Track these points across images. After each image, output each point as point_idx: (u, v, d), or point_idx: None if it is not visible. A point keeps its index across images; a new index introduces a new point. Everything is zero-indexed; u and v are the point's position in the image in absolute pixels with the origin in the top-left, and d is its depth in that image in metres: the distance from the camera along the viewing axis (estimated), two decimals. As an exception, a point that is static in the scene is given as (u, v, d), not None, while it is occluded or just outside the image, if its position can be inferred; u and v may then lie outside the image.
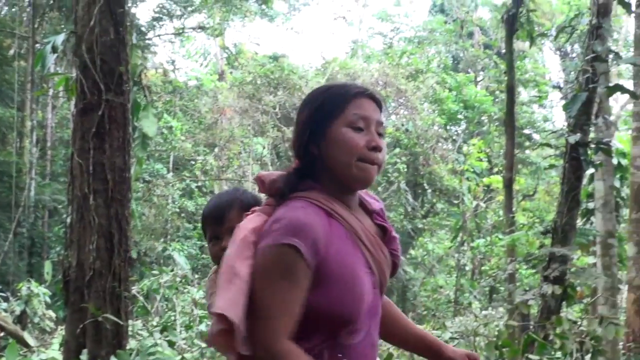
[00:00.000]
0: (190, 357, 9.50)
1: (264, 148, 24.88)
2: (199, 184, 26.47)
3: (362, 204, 2.84)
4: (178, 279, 12.78)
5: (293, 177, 2.72)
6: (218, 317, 2.47)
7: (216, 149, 25.37)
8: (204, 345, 9.85)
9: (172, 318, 11.50)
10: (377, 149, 2.64)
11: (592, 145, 10.41)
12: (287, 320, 2.50)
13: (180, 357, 8.86)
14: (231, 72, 29.02)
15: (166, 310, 13.74)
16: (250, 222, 2.66)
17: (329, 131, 2.66)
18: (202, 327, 11.26)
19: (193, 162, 26.04)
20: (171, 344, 8.68)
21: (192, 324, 11.58)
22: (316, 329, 2.56)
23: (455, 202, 24.40)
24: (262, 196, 2.95)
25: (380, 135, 2.71)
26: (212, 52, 31.23)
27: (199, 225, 21.98)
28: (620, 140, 20.29)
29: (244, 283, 2.52)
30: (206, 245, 3.22)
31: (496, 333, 8.84)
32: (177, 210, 24.48)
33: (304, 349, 2.53)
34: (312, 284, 2.52)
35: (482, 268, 24.10)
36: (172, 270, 14.13)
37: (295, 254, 2.47)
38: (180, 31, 27.45)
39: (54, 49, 8.52)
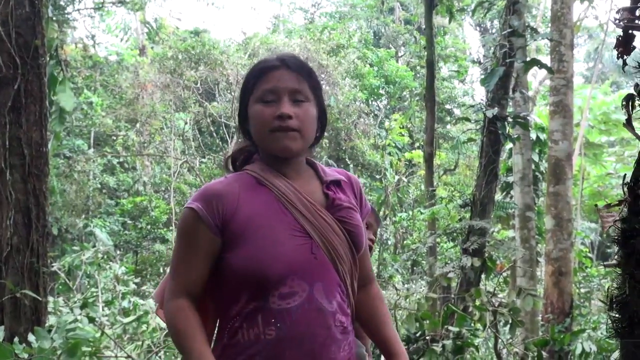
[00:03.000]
0: (111, 333, 9.41)
1: (185, 123, 24.69)
2: (121, 159, 26.19)
3: (318, 174, 2.93)
4: (100, 256, 12.64)
5: (235, 154, 2.94)
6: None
7: (137, 125, 25.12)
8: (126, 320, 9.79)
9: (94, 294, 11.37)
10: (283, 116, 2.72)
11: (510, 119, 10.51)
12: (185, 280, 2.68)
13: (100, 332, 8.79)
14: (152, 47, 28.75)
15: (88, 286, 13.61)
16: None
17: (248, 110, 2.82)
18: (125, 304, 11.19)
19: (114, 138, 25.74)
20: (91, 320, 8.59)
21: (114, 300, 11.49)
22: (241, 290, 2.65)
23: (378, 176, 24.53)
24: None
25: (299, 101, 2.78)
26: (132, 27, 30.85)
27: (121, 201, 21.67)
28: (540, 114, 20.58)
29: None
30: (128, 221, 3.33)
31: (417, 306, 8.90)
32: (99, 186, 24.18)
33: (235, 312, 2.66)
34: (227, 244, 2.66)
35: (405, 242, 24.31)
36: (94, 247, 13.97)
37: (194, 216, 2.67)
38: (100, 5, 26.97)
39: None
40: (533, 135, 18.24)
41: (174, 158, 24.00)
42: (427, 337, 8.10)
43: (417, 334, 8.17)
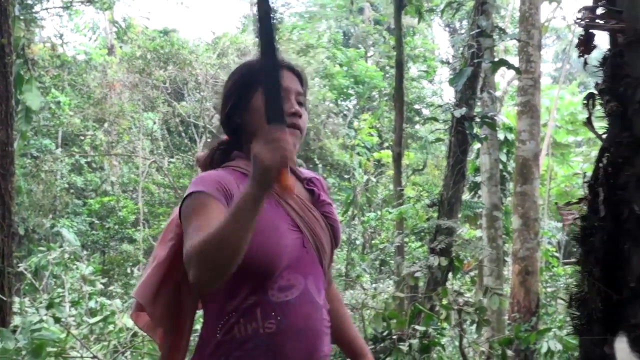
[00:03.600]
0: (78, 333, 9.37)
1: (154, 123, 24.57)
2: (89, 159, 26.09)
3: (294, 173, 2.91)
4: (67, 256, 12.59)
5: (218, 149, 2.90)
6: (136, 302, 2.71)
7: (106, 124, 25.03)
8: (92, 321, 9.75)
9: (60, 295, 11.31)
10: (296, 114, 2.77)
11: (477, 119, 10.55)
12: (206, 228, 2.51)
13: (66, 333, 8.75)
14: (121, 47, 28.61)
15: (54, 287, 13.54)
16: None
17: (250, 101, 2.79)
18: (92, 304, 11.15)
19: (82, 138, 25.62)
20: (57, 320, 8.55)
21: (81, 300, 11.45)
22: (240, 283, 2.62)
23: (346, 176, 24.52)
24: None
25: (301, 104, 2.84)
26: (101, 26, 30.70)
27: (89, 201, 21.53)
28: (508, 115, 20.68)
29: (159, 264, 2.70)
30: (95, 221, 3.27)
31: (384, 305, 8.93)
32: (66, 186, 24.05)
33: (233, 307, 2.63)
34: None
35: (373, 242, 24.32)
36: (60, 247, 13.90)
37: (203, 195, 2.58)
38: (69, 4, 26.84)
39: None
40: (501, 136, 18.32)
41: (142, 158, 23.89)
42: (394, 337, 8.12)
43: (384, 334, 8.19)
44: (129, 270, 20.86)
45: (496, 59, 10.97)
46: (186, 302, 2.82)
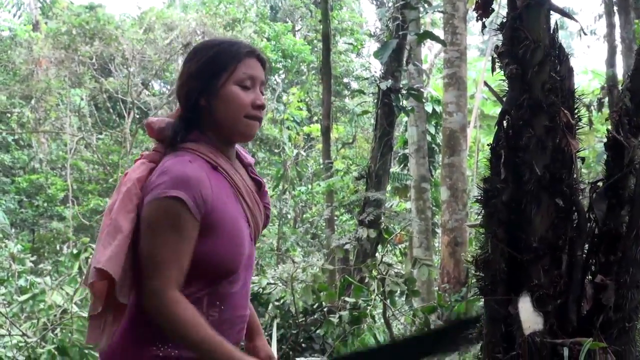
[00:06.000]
0: (7, 311, 9.27)
1: (81, 99, 24.26)
2: (16, 137, 25.68)
3: (239, 157, 2.99)
4: (-5, 234, 12.45)
5: (181, 127, 2.83)
6: (98, 271, 2.62)
7: (32, 101, 24.62)
8: (21, 299, 9.65)
9: (-11, 273, 11.19)
10: (262, 107, 2.85)
11: (404, 92, 10.62)
12: (177, 271, 2.61)
13: (-6, 312, 8.65)
14: (46, 23, 28.10)
15: (-18, 265, 13.38)
16: (135, 172, 2.78)
17: (219, 87, 2.79)
18: (21, 282, 11.04)
19: (9, 115, 25.19)
20: (-15, 299, 8.46)
21: (10, 279, 11.33)
22: (197, 277, 2.68)
23: (276, 151, 24.53)
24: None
25: (262, 93, 2.89)
26: (25, 2, 30.17)
27: (17, 179, 21.27)
28: (436, 87, 20.82)
29: (125, 238, 2.65)
30: (24, 199, 3.22)
31: (313, 278, 8.97)
32: (-6, 164, 23.77)
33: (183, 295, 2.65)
34: (199, 235, 2.64)
35: (304, 216, 24.43)
36: (-11, 225, 13.75)
37: (181, 206, 2.58)
38: (-8, -20, 26.43)
39: None
40: (429, 108, 18.45)
41: (70, 135, 23.60)
42: (324, 309, 8.18)
43: (314, 306, 8.24)
44: (58, 248, 20.68)
45: (421, 31, 11.02)
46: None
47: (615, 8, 14.15)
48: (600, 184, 3.51)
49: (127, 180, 2.75)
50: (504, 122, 3.46)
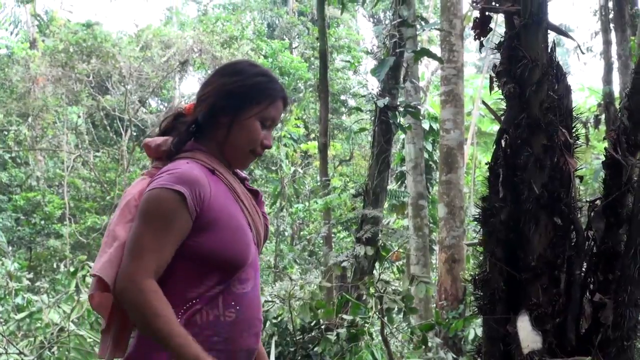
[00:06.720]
0: (3, 329, 9.26)
1: (78, 117, 24.27)
2: (13, 154, 25.66)
3: (234, 172, 3.05)
4: (-8, 253, 12.42)
5: (183, 137, 2.92)
6: (95, 279, 2.72)
7: (29, 119, 24.62)
8: (18, 317, 9.64)
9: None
10: (268, 147, 2.97)
11: (401, 109, 10.62)
12: (156, 261, 2.66)
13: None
14: (43, 40, 28.13)
15: (-21, 284, 13.35)
16: (135, 187, 2.88)
17: (247, 117, 2.89)
18: (18, 300, 11.02)
19: (6, 133, 25.18)
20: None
21: (7, 296, 11.31)
22: (209, 273, 2.77)
23: (274, 168, 24.51)
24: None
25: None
26: (23, 20, 30.18)
27: (14, 197, 21.22)
28: (433, 104, 20.84)
29: (121, 245, 2.71)
30: (21, 217, 3.25)
31: (311, 295, 8.94)
32: (-10, 182, 23.73)
33: (196, 294, 2.75)
34: (199, 229, 2.72)
35: (301, 233, 24.41)
36: (-15, 244, 13.72)
37: (179, 200, 2.67)
38: (-11, -1, 26.45)
39: None
40: (426, 125, 18.46)
41: (67, 152, 23.62)
42: (322, 326, 8.16)
43: (312, 323, 8.21)
44: (55, 266, 20.63)
45: (418, 49, 11.03)
46: None
47: (611, 25, 14.22)
48: (598, 202, 3.51)
49: (127, 194, 2.84)
50: (502, 140, 3.47)
